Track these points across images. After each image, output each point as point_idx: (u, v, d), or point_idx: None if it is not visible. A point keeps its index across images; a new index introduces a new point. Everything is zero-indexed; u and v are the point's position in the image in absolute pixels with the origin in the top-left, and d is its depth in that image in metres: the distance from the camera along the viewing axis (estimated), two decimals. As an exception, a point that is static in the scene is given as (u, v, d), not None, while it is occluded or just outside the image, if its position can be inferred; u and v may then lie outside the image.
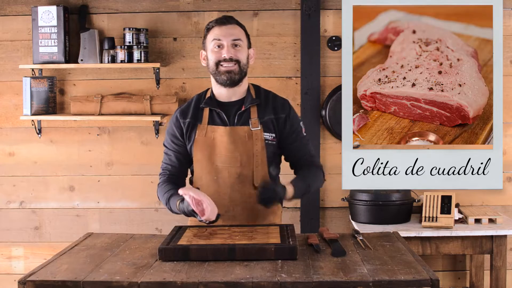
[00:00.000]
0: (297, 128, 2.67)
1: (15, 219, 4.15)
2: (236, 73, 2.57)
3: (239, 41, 2.57)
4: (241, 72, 2.58)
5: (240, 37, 2.58)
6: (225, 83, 2.58)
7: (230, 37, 2.56)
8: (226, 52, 2.55)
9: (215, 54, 2.57)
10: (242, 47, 2.59)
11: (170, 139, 2.69)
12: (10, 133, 4.13)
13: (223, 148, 2.59)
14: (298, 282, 1.95)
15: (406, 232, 3.49)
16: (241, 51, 2.58)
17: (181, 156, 2.67)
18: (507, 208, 4.06)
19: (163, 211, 4.11)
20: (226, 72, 2.56)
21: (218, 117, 2.63)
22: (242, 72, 2.59)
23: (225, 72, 2.56)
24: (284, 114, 2.65)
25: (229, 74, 2.56)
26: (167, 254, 2.18)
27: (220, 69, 2.56)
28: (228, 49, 2.55)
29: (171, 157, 2.68)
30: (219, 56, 2.56)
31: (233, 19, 2.62)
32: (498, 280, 3.59)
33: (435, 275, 1.99)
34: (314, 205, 4.02)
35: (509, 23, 4.01)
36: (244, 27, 2.65)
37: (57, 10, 3.91)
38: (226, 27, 2.57)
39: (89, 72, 4.07)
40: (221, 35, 2.56)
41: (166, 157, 2.71)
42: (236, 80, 2.58)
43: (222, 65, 2.56)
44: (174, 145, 2.68)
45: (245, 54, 2.60)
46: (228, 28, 2.58)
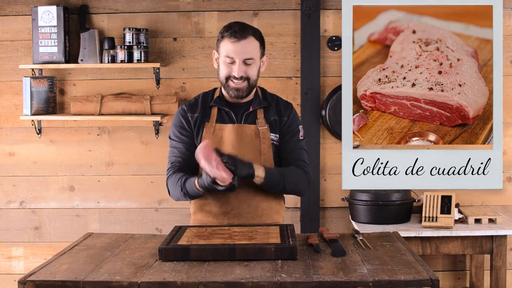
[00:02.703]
0: (294, 129, 2.68)
1: (15, 219, 4.15)
2: (244, 91, 2.58)
3: (251, 60, 2.55)
4: (249, 89, 2.60)
5: (253, 55, 2.55)
6: (232, 98, 2.62)
7: (243, 55, 2.53)
8: (237, 71, 2.54)
9: (226, 68, 2.57)
10: (255, 63, 2.57)
11: (178, 131, 2.66)
12: (10, 133, 4.13)
13: (230, 146, 2.60)
14: (298, 282, 1.95)
15: (406, 232, 3.49)
16: (252, 67, 2.57)
17: (190, 147, 2.63)
18: (507, 208, 4.07)
19: (163, 211, 4.11)
20: (235, 90, 2.58)
21: (227, 115, 2.65)
22: (251, 88, 2.60)
23: (233, 89, 2.58)
24: (286, 117, 2.68)
25: (237, 91, 2.58)
26: (167, 254, 2.18)
27: (229, 84, 2.58)
28: (240, 67, 2.54)
29: (180, 149, 2.65)
30: (230, 72, 2.56)
31: (248, 31, 2.56)
32: (498, 280, 3.59)
33: (435, 275, 1.99)
34: (314, 205, 4.02)
35: (509, 23, 4.02)
36: (259, 34, 2.60)
37: (57, 10, 3.91)
38: (240, 44, 2.53)
39: (89, 72, 4.07)
40: (234, 53, 2.53)
41: (173, 151, 2.67)
42: (244, 96, 2.61)
43: (232, 81, 2.57)
44: (182, 137, 2.65)
45: (256, 69, 2.59)
46: (242, 45, 2.53)
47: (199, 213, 2.68)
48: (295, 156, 2.66)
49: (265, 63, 2.66)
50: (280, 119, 2.66)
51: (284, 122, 2.66)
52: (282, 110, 2.68)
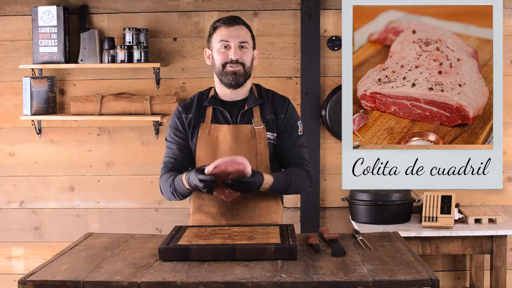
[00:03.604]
0: (292, 126, 2.67)
1: (15, 219, 4.15)
2: (241, 75, 2.59)
3: (245, 43, 2.59)
4: (245, 74, 2.61)
5: (247, 39, 2.61)
6: (230, 85, 2.61)
7: (238, 38, 2.58)
8: (233, 54, 2.57)
9: (221, 55, 2.59)
10: (248, 49, 2.61)
11: (173, 133, 2.68)
12: (10, 133, 4.13)
13: (227, 146, 2.60)
14: (298, 282, 1.95)
15: (406, 232, 3.49)
16: (246, 53, 2.60)
17: (183, 148, 2.66)
18: (507, 208, 4.06)
19: (163, 211, 4.11)
20: (232, 73, 2.58)
21: (222, 115, 2.64)
22: (247, 74, 2.62)
23: (231, 72, 2.58)
24: (283, 113, 2.67)
25: (235, 75, 2.58)
26: (167, 254, 2.18)
27: (226, 69, 2.58)
28: (236, 51, 2.57)
29: (174, 150, 2.67)
30: (226, 57, 2.58)
31: (240, 20, 2.64)
32: (498, 280, 3.59)
33: (435, 275, 1.99)
34: (314, 205, 4.02)
35: (509, 23, 4.02)
36: (250, 27, 2.67)
37: (57, 10, 3.91)
38: (233, 28, 2.59)
39: (89, 72, 4.07)
40: (229, 36, 2.58)
41: (168, 151, 2.69)
42: (241, 82, 2.61)
43: (229, 66, 2.58)
44: (176, 138, 2.67)
45: (250, 56, 2.63)
46: (236, 30, 2.59)
47: (198, 214, 2.69)
48: (296, 154, 2.65)
49: (256, 58, 2.69)
50: (277, 117, 2.66)
51: (281, 120, 2.66)
52: (278, 108, 2.67)
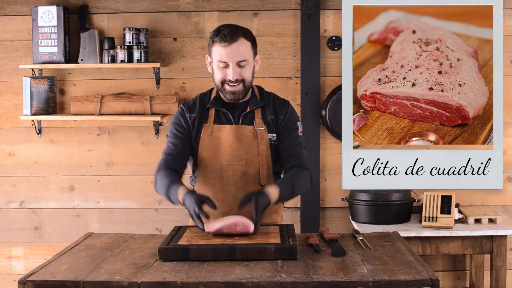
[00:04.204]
0: (291, 126, 2.68)
1: (15, 219, 4.15)
2: (240, 93, 2.59)
3: (244, 62, 2.55)
4: (245, 91, 2.60)
5: (245, 57, 2.55)
6: (229, 101, 2.62)
7: (236, 58, 2.53)
8: (232, 74, 2.54)
9: (221, 73, 2.57)
10: (248, 64, 2.57)
11: (175, 128, 2.68)
12: (10, 133, 4.13)
13: (228, 146, 2.61)
14: (298, 282, 1.95)
15: (406, 232, 3.49)
16: (246, 69, 2.57)
17: (184, 142, 2.65)
18: (507, 208, 4.06)
19: (163, 211, 4.11)
20: (231, 93, 2.58)
21: (224, 116, 2.66)
22: (247, 89, 2.61)
23: (230, 92, 2.58)
24: (283, 114, 2.68)
25: (234, 95, 2.59)
26: (167, 254, 2.18)
27: (225, 87, 2.58)
28: (234, 71, 2.54)
29: (175, 143, 2.65)
30: (225, 76, 2.56)
31: (238, 32, 2.55)
32: (498, 280, 3.59)
33: (435, 275, 1.99)
34: (314, 205, 4.02)
35: (509, 23, 4.01)
36: (249, 34, 2.60)
37: (57, 10, 3.91)
38: (231, 48, 2.52)
39: (89, 72, 4.07)
40: (226, 57, 2.53)
41: (169, 145, 2.68)
42: (240, 98, 2.62)
43: (228, 84, 2.57)
44: (178, 133, 2.67)
45: (250, 70, 2.59)
46: (233, 49, 2.52)
47: None
48: (295, 153, 2.66)
49: (259, 62, 2.66)
50: (276, 118, 2.67)
51: (281, 121, 2.67)
52: (278, 109, 2.69)
